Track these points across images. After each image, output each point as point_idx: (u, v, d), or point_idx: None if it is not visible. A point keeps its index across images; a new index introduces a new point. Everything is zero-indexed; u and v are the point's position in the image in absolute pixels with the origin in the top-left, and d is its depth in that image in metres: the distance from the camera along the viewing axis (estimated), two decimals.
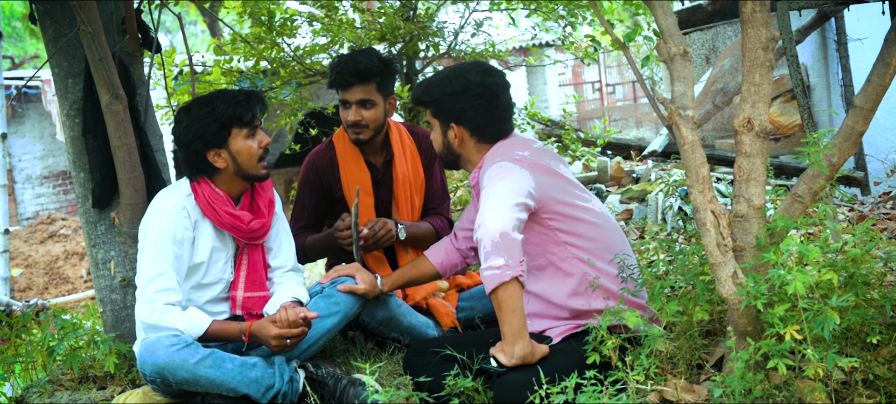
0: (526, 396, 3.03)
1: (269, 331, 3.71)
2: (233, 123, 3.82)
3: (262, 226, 4.02)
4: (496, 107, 3.62)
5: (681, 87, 3.00)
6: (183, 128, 3.82)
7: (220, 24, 15.34)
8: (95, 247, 4.54)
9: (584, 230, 3.48)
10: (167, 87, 5.54)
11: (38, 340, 4.66)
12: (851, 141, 2.98)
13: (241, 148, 3.85)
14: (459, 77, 3.64)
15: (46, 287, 11.80)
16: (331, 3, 7.76)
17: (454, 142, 3.67)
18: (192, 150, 3.83)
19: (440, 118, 3.68)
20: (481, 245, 3.18)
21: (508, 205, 3.23)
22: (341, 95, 4.49)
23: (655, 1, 3.05)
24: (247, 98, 3.87)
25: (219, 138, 3.82)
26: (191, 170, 3.90)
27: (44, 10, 4.39)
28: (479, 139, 3.65)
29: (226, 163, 3.86)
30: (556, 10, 8.08)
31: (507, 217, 3.18)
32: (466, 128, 3.63)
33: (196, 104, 3.85)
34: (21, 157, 16.38)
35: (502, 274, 3.11)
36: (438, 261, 4.09)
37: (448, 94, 3.62)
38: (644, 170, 9.71)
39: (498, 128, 3.65)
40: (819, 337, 2.68)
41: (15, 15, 26.26)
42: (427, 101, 3.71)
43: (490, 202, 3.26)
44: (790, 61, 6.33)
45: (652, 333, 3.03)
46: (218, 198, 3.89)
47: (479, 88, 3.59)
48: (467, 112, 3.60)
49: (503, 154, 3.53)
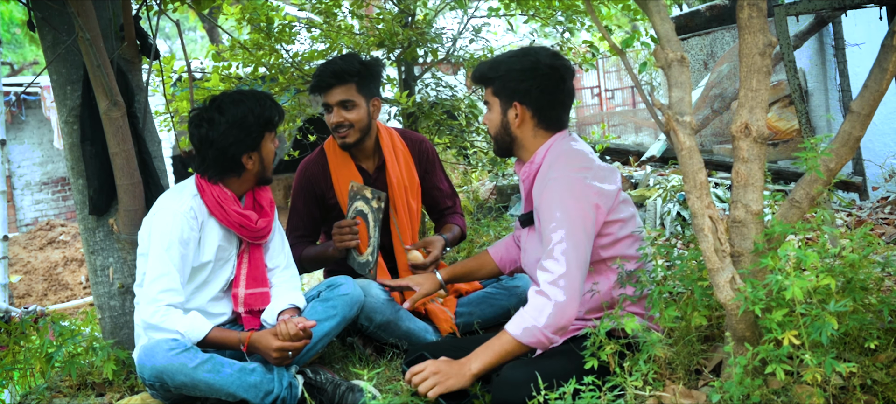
0: (523, 396, 3.04)
1: (270, 344, 3.71)
2: (267, 127, 3.87)
3: (268, 225, 4.06)
4: (561, 91, 3.59)
5: (678, 93, 3.00)
6: (220, 131, 3.82)
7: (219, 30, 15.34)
8: (94, 253, 4.54)
9: (622, 248, 3.50)
10: (166, 94, 5.53)
11: (37, 347, 4.65)
12: (849, 146, 2.98)
13: (268, 151, 3.94)
14: (530, 55, 3.60)
15: (45, 293, 11.79)
16: (329, 10, 7.75)
17: (513, 123, 3.60)
18: (229, 154, 3.85)
19: (503, 96, 3.62)
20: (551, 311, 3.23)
21: (582, 269, 3.29)
22: (323, 99, 4.53)
23: (653, 7, 3.05)
24: (271, 101, 3.93)
25: (256, 142, 3.87)
26: (218, 171, 3.90)
27: (42, 17, 4.39)
28: (538, 122, 3.59)
29: (255, 165, 3.90)
30: (554, 15, 8.08)
31: (579, 293, 3.27)
32: (530, 108, 3.57)
33: (229, 104, 3.85)
34: (20, 164, 16.38)
35: (542, 345, 3.26)
36: (499, 257, 4.12)
37: (517, 70, 3.57)
38: (642, 175, 9.71)
39: (559, 115, 3.61)
40: (817, 343, 2.68)
41: (14, 21, 26.27)
42: (492, 77, 3.64)
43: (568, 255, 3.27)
44: (788, 66, 6.34)
45: (650, 338, 3.03)
46: (227, 198, 3.90)
47: (549, 69, 3.55)
48: (533, 91, 3.55)
49: (568, 166, 3.46)
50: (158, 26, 4.84)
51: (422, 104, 7.72)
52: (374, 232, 4.28)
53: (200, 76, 10.08)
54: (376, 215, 4.26)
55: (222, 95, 3.92)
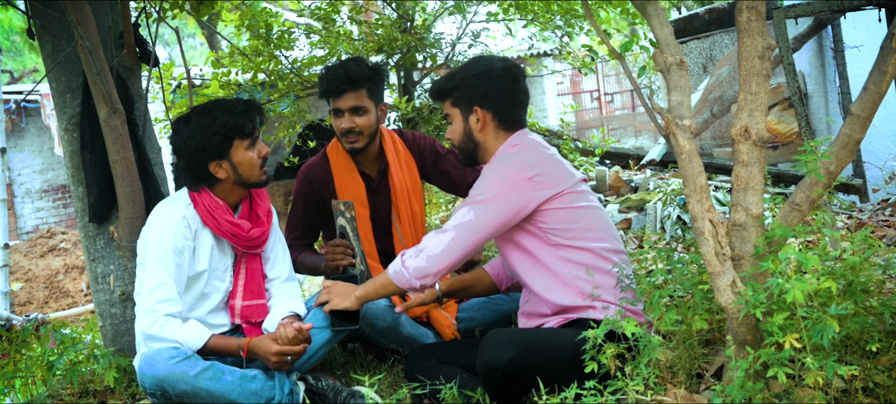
0: (505, 357, 3.19)
1: (269, 348, 3.71)
2: (234, 135, 3.82)
3: (262, 235, 4.03)
4: (517, 89, 3.71)
5: (677, 97, 3.01)
6: (183, 140, 3.81)
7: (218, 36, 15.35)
8: (95, 261, 4.54)
9: (579, 232, 3.55)
10: (165, 101, 5.53)
11: (38, 355, 4.65)
12: (849, 149, 2.98)
13: (243, 159, 3.86)
14: (482, 61, 3.77)
15: (46, 301, 11.79)
16: (328, 16, 7.76)
17: (476, 128, 3.72)
18: (193, 162, 3.83)
19: (462, 104, 3.74)
20: (426, 247, 3.57)
21: (470, 242, 3.55)
22: (333, 104, 4.50)
23: (651, 10, 3.06)
24: (246, 108, 3.87)
25: (220, 150, 3.82)
26: (191, 180, 3.90)
27: (41, 25, 4.40)
28: (499, 123, 3.70)
29: (227, 173, 3.86)
30: (553, 19, 8.09)
31: (460, 256, 3.57)
32: (490, 110, 3.69)
33: (195, 114, 3.84)
34: (20, 171, 16.39)
35: (406, 283, 3.61)
36: (495, 273, 4.19)
37: (472, 76, 3.71)
38: (642, 179, 9.71)
39: (517, 113, 3.73)
40: (818, 346, 2.68)
41: (14, 29, 26.29)
42: (449, 88, 3.77)
43: (463, 229, 3.54)
44: (787, 69, 6.34)
45: (651, 342, 3.03)
46: (218, 207, 3.89)
47: (502, 70, 3.70)
48: (491, 93, 3.68)
49: (509, 161, 3.58)
50: (158, 33, 4.84)
51: (421, 109, 7.73)
52: (354, 241, 4.28)
53: (200, 83, 10.08)
54: (352, 224, 4.28)
55: (196, 106, 3.93)
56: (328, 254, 4.36)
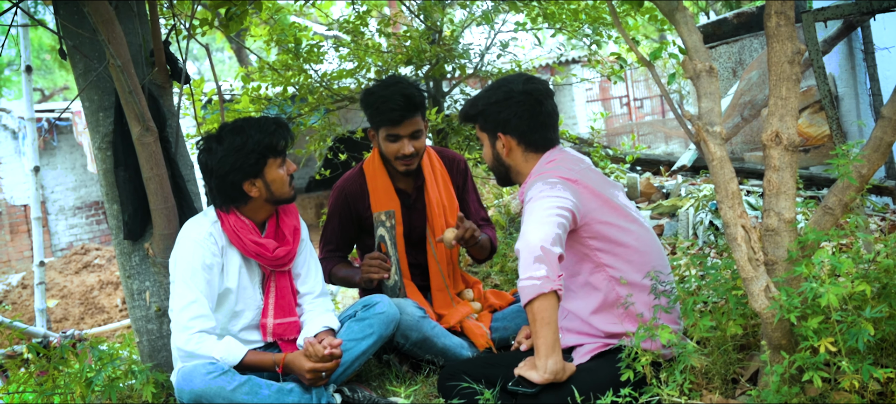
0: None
1: (303, 365, 3.73)
2: (269, 153, 3.85)
3: (287, 254, 4.05)
4: (540, 113, 3.67)
5: (707, 104, 3.01)
6: (217, 159, 3.84)
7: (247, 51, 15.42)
8: (130, 277, 4.57)
9: (621, 252, 3.48)
10: (197, 117, 5.56)
11: (76, 371, 4.68)
12: (881, 151, 2.97)
13: (275, 177, 3.88)
14: (502, 87, 3.72)
15: (82, 317, 11.86)
16: (357, 29, 7.80)
17: (502, 153, 3.72)
18: (227, 181, 3.85)
19: (487, 130, 3.76)
20: (521, 256, 3.20)
21: (550, 219, 3.26)
22: (390, 130, 4.47)
23: (680, 18, 3.06)
24: (278, 127, 3.90)
25: (256, 168, 3.85)
26: (222, 200, 3.93)
27: (73, 46, 4.43)
28: (526, 147, 3.69)
29: (260, 191, 3.89)
30: (581, 28, 8.09)
31: (548, 230, 3.21)
32: (513, 136, 3.68)
33: (228, 133, 3.86)
34: (54, 189, 16.54)
35: (542, 286, 3.11)
36: None
37: (492, 104, 3.70)
38: (674, 185, 9.68)
39: (543, 135, 3.69)
40: (854, 349, 2.67)
41: (44, 47, 26.54)
42: (473, 114, 3.79)
43: (532, 216, 3.29)
44: (817, 72, 6.32)
45: (686, 349, 3.03)
46: (243, 227, 3.92)
47: (522, 95, 3.65)
48: (512, 120, 3.66)
49: (549, 171, 3.56)
50: (188, 49, 4.87)
51: (451, 120, 7.74)
52: (392, 251, 4.30)
53: (230, 98, 10.13)
54: (391, 234, 4.30)
55: (226, 124, 3.95)
56: (364, 268, 4.38)
